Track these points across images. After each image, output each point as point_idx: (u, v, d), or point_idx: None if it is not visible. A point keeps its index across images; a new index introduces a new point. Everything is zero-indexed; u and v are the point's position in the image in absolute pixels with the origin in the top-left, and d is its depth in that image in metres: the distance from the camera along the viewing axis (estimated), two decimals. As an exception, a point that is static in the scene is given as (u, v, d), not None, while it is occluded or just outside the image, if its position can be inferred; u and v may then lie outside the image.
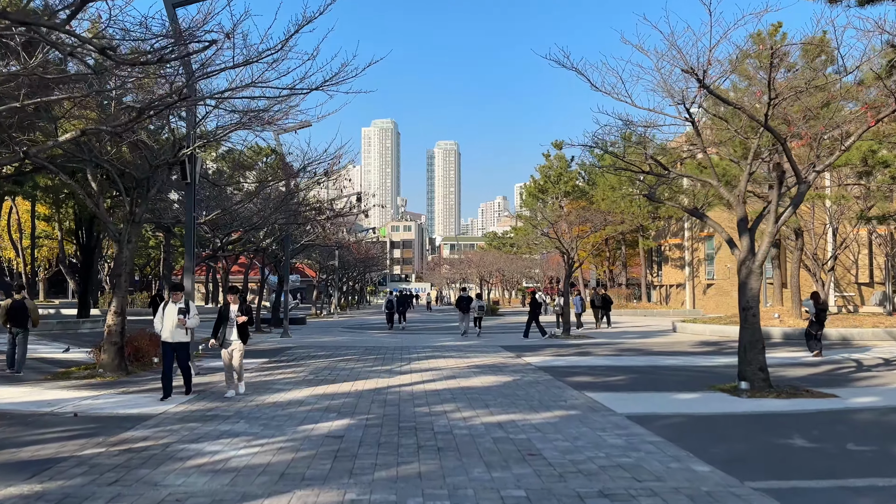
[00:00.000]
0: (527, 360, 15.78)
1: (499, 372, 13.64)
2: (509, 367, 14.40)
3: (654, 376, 13.09)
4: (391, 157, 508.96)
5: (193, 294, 14.23)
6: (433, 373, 13.53)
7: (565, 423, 8.41)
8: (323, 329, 30.39)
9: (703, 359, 16.44)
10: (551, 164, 50.04)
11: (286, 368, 14.61)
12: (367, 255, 56.76)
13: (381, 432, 7.96)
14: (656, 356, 16.99)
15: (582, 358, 16.52)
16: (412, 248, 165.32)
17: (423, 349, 19.26)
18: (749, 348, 10.99)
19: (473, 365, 14.91)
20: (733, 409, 9.46)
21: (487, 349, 19.03)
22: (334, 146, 33.04)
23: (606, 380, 12.57)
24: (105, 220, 13.96)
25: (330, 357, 16.96)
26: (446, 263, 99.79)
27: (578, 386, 11.64)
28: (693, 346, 20.18)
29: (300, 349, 19.36)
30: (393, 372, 13.78)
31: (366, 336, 25.55)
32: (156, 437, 7.79)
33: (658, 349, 19.06)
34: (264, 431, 8.09)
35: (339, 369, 14.30)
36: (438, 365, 14.99)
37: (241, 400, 10.45)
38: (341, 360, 16.08)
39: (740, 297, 11.21)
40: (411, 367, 14.51)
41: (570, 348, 19.25)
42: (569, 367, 14.38)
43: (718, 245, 46.87)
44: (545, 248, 59.72)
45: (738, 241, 11.44)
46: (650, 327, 29.74)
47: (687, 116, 10.62)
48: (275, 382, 12.39)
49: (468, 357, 16.71)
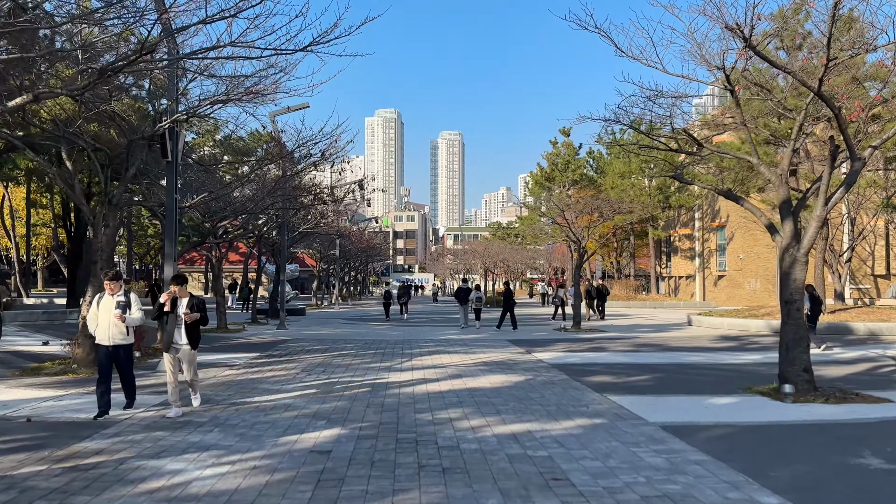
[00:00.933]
0: (538, 357, 14.59)
1: (508, 370, 12.44)
2: (520, 365, 13.20)
3: (680, 376, 11.88)
4: (395, 148, 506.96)
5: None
6: (437, 371, 12.35)
7: (591, 435, 7.21)
8: (322, 321, 29.24)
9: (727, 355, 15.22)
10: (558, 151, 48.68)
11: (277, 365, 13.44)
12: (369, 245, 55.54)
13: (375, 446, 6.78)
14: (677, 352, 15.78)
15: (597, 354, 15.31)
16: (415, 238, 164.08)
17: (426, 343, 18.08)
18: (792, 346, 9.77)
19: (480, 362, 13.72)
20: (781, 418, 8.25)
21: (494, 344, 17.84)
22: (331, 125, 31.53)
23: (629, 380, 11.36)
24: (78, 201, 12.77)
25: (326, 352, 15.79)
26: (450, 254, 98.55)
27: (599, 387, 10.43)
28: (713, 340, 18.96)
29: (295, 342, 18.21)
30: (393, 369, 12.60)
31: (366, 328, 24.39)
32: (111, 451, 6.62)
33: (677, 344, 17.84)
34: (239, 444, 6.91)
35: (335, 366, 13.12)
36: (442, 361, 13.81)
37: (220, 403, 9.27)
38: (338, 356, 14.91)
39: (782, 290, 9.97)
40: (413, 364, 13.33)
41: (582, 343, 18.05)
42: (585, 365, 13.18)
43: (730, 235, 45.54)
44: (551, 238, 58.48)
45: (779, 226, 10.19)
46: (663, 320, 28.51)
47: (726, 84, 9.35)
48: (262, 381, 11.21)
49: (474, 352, 15.53)
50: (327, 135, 15.36)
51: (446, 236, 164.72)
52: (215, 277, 23.05)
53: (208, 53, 8.83)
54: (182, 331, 8.54)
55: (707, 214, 48.63)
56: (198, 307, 8.60)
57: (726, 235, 46.13)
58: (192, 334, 8.62)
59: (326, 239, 44.50)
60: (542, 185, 49.41)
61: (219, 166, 18.23)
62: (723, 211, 46.34)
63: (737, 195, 11.38)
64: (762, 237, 42.53)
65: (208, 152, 29.65)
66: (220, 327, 22.35)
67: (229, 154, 26.15)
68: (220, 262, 22.73)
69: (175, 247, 12.86)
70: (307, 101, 18.18)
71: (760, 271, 43.22)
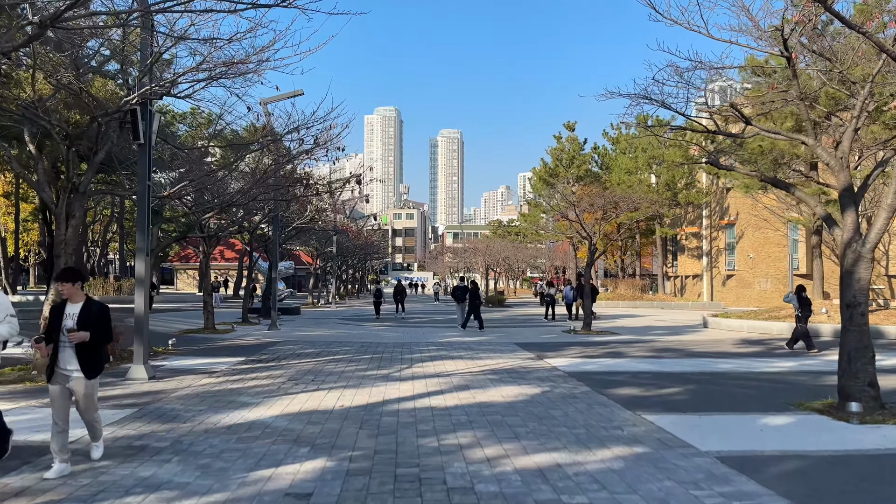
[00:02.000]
0: (551, 364, 13.21)
1: (521, 380, 11.06)
2: (533, 374, 11.82)
3: (716, 387, 10.50)
4: (394, 146, 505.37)
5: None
6: (440, 381, 10.96)
7: (636, 471, 5.83)
8: (317, 320, 27.85)
9: (759, 362, 13.85)
10: (563, 146, 47.23)
11: (262, 372, 12.05)
12: (367, 242, 54.12)
13: (368, 487, 5.39)
14: (703, 359, 14.41)
15: (616, 361, 13.93)
16: (414, 236, 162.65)
17: (427, 346, 16.70)
18: (855, 357, 8.40)
19: (488, 369, 12.34)
20: (859, 445, 6.87)
21: (501, 348, 16.46)
22: (325, 108, 29.50)
23: (660, 393, 9.98)
24: (39, 189, 11.37)
25: (318, 356, 14.40)
26: (449, 252, 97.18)
27: (628, 402, 9.06)
28: (736, 345, 17.58)
29: (286, 345, 16.82)
30: (391, 378, 11.21)
31: (363, 329, 23.00)
32: (34, 493, 5.23)
33: (698, 349, 16.46)
34: (199, 482, 5.52)
35: (326, 374, 11.73)
36: (446, 368, 12.43)
37: (188, 421, 7.88)
38: (331, 361, 13.52)
39: (843, 291, 8.59)
40: (413, 372, 11.94)
41: (596, 347, 16.67)
42: (605, 374, 11.80)
43: (740, 234, 44.17)
44: (554, 236, 57.09)
45: (839, 219, 8.80)
46: (675, 322, 27.15)
47: (783, 51, 7.95)
48: (242, 392, 9.82)
49: (480, 358, 14.15)
50: (320, 119, 14.00)
51: (446, 234, 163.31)
52: (202, 274, 21.64)
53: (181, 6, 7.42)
54: (71, 351, 5.75)
55: (715, 212, 47.25)
56: (96, 318, 5.81)
57: (736, 234, 44.76)
58: (88, 357, 5.80)
59: (323, 235, 43.12)
60: (545, 181, 47.97)
61: (202, 150, 16.71)
62: (732, 208, 44.96)
63: (786, 182, 9.98)
64: (773, 236, 41.15)
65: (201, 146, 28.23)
66: (206, 328, 20.96)
67: (223, 148, 24.74)
68: (207, 258, 21.32)
69: (148, 239, 11.47)
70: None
71: (771, 271, 41.87)
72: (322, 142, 15.17)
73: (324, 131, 15.32)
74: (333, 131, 15.31)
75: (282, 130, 14.44)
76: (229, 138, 17.39)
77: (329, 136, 14.98)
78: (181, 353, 15.17)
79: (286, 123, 14.93)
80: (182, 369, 12.41)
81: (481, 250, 50.10)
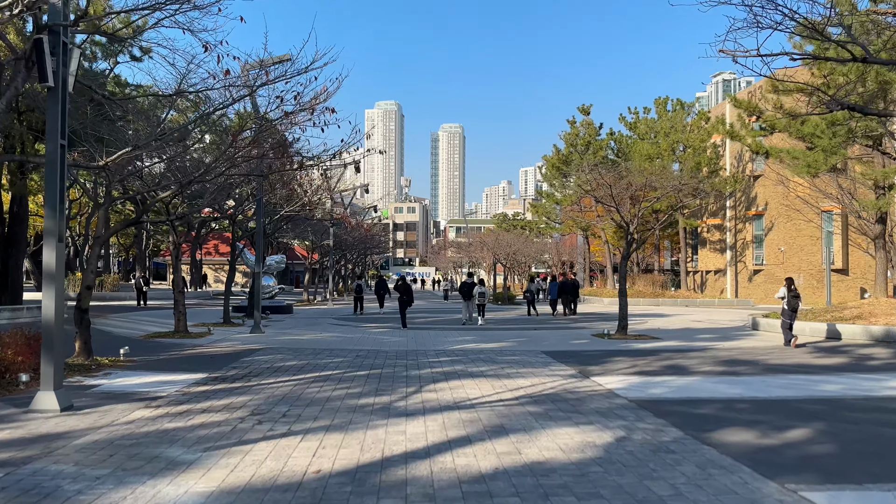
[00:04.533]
0: (603, 385, 10.11)
1: (575, 413, 7.96)
2: (586, 402, 8.71)
3: (851, 426, 7.38)
4: (395, 140, 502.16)
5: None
6: (463, 416, 7.85)
7: None
8: (310, 320, 24.76)
9: (865, 380, 10.70)
10: (577, 131, 43.97)
11: (220, 398, 8.95)
12: (366, 235, 50.94)
13: None
14: (791, 375, 11.29)
15: (685, 380, 10.80)
16: (416, 230, 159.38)
17: (437, 357, 13.62)
18: None
19: (524, 394, 9.23)
20: None
21: (529, 359, 13.38)
22: (308, 55, 22.59)
23: (786, 438, 6.86)
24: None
25: (300, 372, 11.31)
26: (452, 246, 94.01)
27: (756, 461, 5.95)
28: (813, 354, 14.47)
29: (264, 355, 13.74)
30: (393, 411, 8.11)
31: (360, 332, 19.89)
32: None
33: (773, 360, 13.36)
34: None
35: (306, 403, 8.64)
36: (467, 393, 9.33)
37: (74, 499, 4.79)
38: (315, 380, 10.42)
39: None
40: (424, 400, 8.83)
41: (646, 359, 13.58)
42: (686, 403, 8.69)
43: (769, 225, 40.99)
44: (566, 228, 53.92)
45: None
46: (714, 322, 24.05)
47: None
48: (175, 440, 6.72)
49: (508, 375, 11.04)
50: (301, 67, 10.83)
51: (448, 228, 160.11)
52: (174, 269, 18.54)
53: None
54: None
55: (741, 202, 44.05)
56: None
57: (764, 225, 41.58)
58: None
59: (320, 227, 40.00)
60: (558, 168, 44.71)
61: (130, 98, 13.35)
62: (760, 198, 41.77)
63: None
64: (805, 227, 37.94)
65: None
66: (177, 331, 17.88)
67: (211, 133, 21.56)
68: (178, 249, 18.22)
69: (60, 218, 8.34)
70: (291, 56, 12.80)
71: (804, 265, 38.71)
72: (304, 103, 11.98)
73: (309, 91, 12.18)
74: (316, 84, 12.15)
75: (255, 83, 11.28)
76: (196, 100, 14.17)
77: (316, 97, 11.79)
78: (132, 365, 12.11)
79: (258, 70, 11.77)
80: (118, 393, 9.35)
81: (489, 244, 46.92)
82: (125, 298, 38.50)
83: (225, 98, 11.68)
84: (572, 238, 67.22)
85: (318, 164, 12.38)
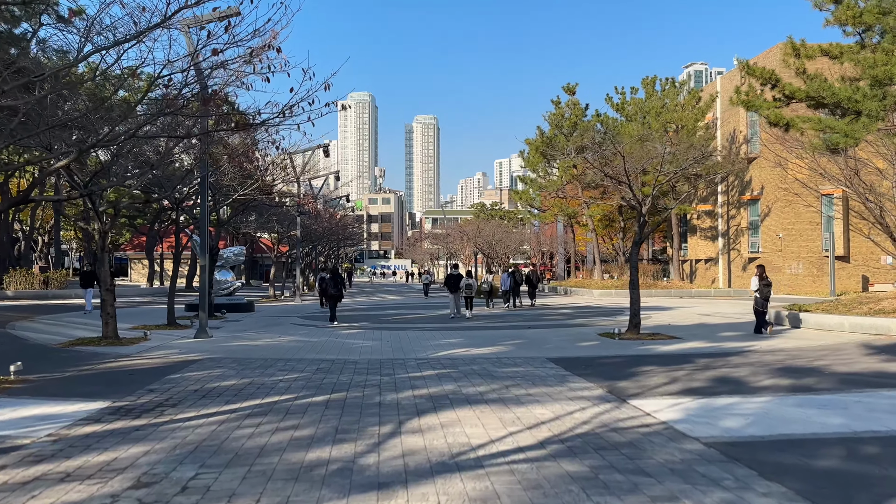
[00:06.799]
0: (653, 415, 7.35)
1: (637, 474, 5.18)
2: (644, 450, 5.94)
3: None
4: (369, 132, 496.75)
5: None
6: (466, 486, 5.01)
7: None
8: (271, 320, 21.75)
9: None
10: (562, 112, 41.30)
11: (105, 449, 6.01)
12: (338, 225, 47.79)
13: None
14: (879, 391, 8.67)
15: (756, 402, 8.08)
16: (391, 222, 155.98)
17: (420, 369, 10.78)
18: None
19: (549, 436, 6.43)
20: None
21: (535, 370, 10.61)
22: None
23: None
24: None
25: (238, 398, 8.37)
26: (429, 238, 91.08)
27: None
28: (875, 357, 11.94)
29: (200, 370, 10.77)
30: (358, 480, 5.21)
31: (326, 335, 16.95)
32: None
33: (839, 367, 10.75)
34: None
35: (225, 462, 5.72)
36: (467, 436, 6.49)
37: None
38: (252, 416, 7.50)
39: None
40: (404, 452, 5.95)
41: (681, 367, 10.88)
42: (790, 446, 5.96)
43: (766, 211, 38.79)
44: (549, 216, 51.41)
45: None
46: (726, 316, 21.64)
47: None
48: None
49: (516, 399, 8.24)
50: None
51: (424, 220, 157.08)
52: (100, 261, 15.42)
53: None
54: None
55: (734, 187, 41.81)
56: None
57: (760, 211, 39.39)
58: None
59: (286, 217, 36.86)
60: (542, 152, 41.98)
61: None
62: (755, 182, 39.54)
63: None
64: (805, 212, 35.76)
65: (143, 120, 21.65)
66: (105, 337, 14.81)
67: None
68: (104, 238, 15.13)
69: None
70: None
71: (803, 252, 36.57)
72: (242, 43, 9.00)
73: (266, 43, 9.24)
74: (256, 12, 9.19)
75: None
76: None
77: (256, 30, 8.82)
78: (17, 389, 9.09)
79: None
80: None
81: (469, 234, 44.13)
82: (72, 297, 34.94)
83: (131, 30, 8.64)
84: (552, 227, 64.78)
85: (260, 123, 9.36)
